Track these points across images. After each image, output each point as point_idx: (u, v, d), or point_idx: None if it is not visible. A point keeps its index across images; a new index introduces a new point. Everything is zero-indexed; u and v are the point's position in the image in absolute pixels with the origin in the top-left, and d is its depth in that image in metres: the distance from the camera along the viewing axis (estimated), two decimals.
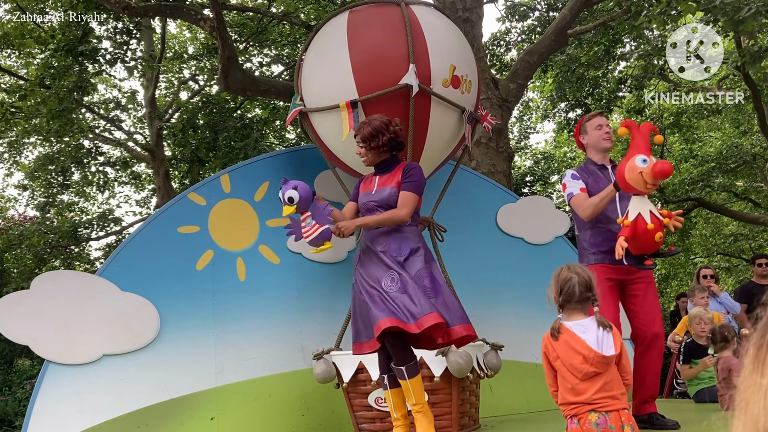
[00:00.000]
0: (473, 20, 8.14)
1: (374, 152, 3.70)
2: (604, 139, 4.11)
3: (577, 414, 2.73)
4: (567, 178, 4.15)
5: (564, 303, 2.82)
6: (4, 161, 14.66)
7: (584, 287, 2.80)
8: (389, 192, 3.65)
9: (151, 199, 16.03)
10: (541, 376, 5.59)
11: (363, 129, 3.72)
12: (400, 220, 3.60)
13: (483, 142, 7.76)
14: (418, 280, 3.51)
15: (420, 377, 3.60)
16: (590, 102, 12.51)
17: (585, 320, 2.78)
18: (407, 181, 3.63)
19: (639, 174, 3.22)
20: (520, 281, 5.79)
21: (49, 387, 4.30)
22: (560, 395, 2.83)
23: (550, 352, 2.83)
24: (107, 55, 9.74)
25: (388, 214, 3.59)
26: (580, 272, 2.85)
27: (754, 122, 13.43)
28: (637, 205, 3.39)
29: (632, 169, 3.26)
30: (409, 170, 3.67)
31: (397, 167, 3.73)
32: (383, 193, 3.66)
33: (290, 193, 3.51)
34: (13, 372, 10.44)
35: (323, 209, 3.51)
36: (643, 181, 3.24)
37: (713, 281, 6.60)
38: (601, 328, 2.74)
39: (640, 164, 3.21)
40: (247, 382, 4.79)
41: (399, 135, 3.74)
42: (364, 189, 3.80)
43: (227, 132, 10.92)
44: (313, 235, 3.47)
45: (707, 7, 6.02)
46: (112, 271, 4.64)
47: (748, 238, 16.63)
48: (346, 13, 4.72)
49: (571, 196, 4.07)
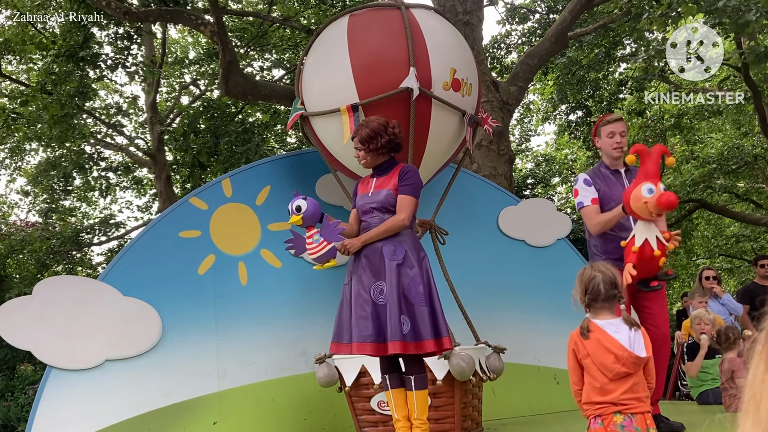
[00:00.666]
0: (473, 23, 8.15)
1: (373, 154, 3.69)
2: (614, 149, 4.07)
3: (602, 414, 2.70)
4: (579, 183, 4.12)
5: (590, 302, 2.80)
6: (6, 167, 14.69)
7: (609, 285, 2.78)
8: (386, 194, 3.63)
9: (152, 204, 16.05)
10: (543, 379, 5.61)
11: (361, 131, 3.69)
12: (401, 226, 3.58)
13: (484, 145, 7.76)
14: (412, 285, 3.49)
15: (426, 392, 3.60)
16: (591, 104, 12.51)
17: (615, 320, 2.75)
18: (404, 185, 3.61)
19: (644, 204, 3.22)
20: (522, 284, 5.78)
21: (52, 392, 4.30)
22: (585, 394, 2.79)
23: (579, 350, 2.79)
24: (108, 61, 9.76)
25: (389, 224, 3.57)
26: (605, 270, 2.83)
27: (755, 123, 13.42)
28: (643, 231, 3.37)
29: (638, 198, 3.26)
30: (405, 173, 3.65)
31: (394, 169, 3.71)
32: (380, 195, 3.65)
33: (299, 203, 3.51)
34: (15, 377, 10.43)
35: (334, 227, 3.50)
36: (648, 211, 3.24)
37: (715, 282, 6.59)
38: (631, 328, 2.73)
39: (645, 194, 3.21)
40: (250, 386, 4.78)
41: (397, 136, 3.72)
42: (362, 191, 3.79)
43: (228, 136, 10.94)
44: (320, 252, 3.47)
45: (708, 9, 6.02)
46: (114, 276, 4.64)
47: (750, 239, 16.62)
48: (347, 17, 4.72)
49: (581, 206, 4.06)
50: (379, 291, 3.50)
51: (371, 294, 3.50)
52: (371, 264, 3.58)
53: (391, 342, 3.39)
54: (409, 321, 3.44)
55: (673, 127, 13.60)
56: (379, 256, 3.56)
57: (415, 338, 3.44)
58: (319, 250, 3.47)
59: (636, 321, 2.78)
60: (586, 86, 11.91)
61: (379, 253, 3.56)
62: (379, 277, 3.53)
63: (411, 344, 3.43)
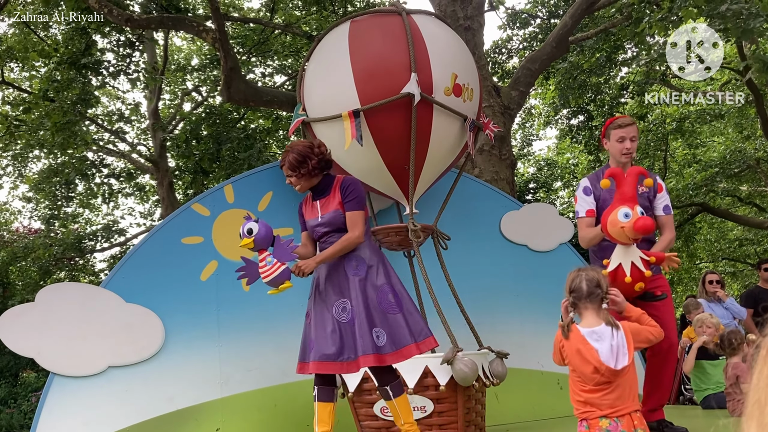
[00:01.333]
0: (474, 28, 8.16)
1: (306, 178, 3.60)
2: (623, 155, 3.95)
3: (588, 419, 2.70)
4: (579, 191, 4.08)
5: (575, 301, 2.81)
6: (9, 174, 14.73)
7: (591, 283, 2.77)
8: (334, 215, 3.58)
9: (155, 211, 16.07)
10: (546, 384, 5.59)
11: (287, 157, 3.58)
12: (355, 242, 3.53)
13: (486, 150, 7.76)
14: (382, 296, 3.48)
15: (406, 396, 3.61)
16: (592, 108, 12.52)
17: (599, 327, 2.73)
18: (349, 200, 3.56)
19: (621, 229, 3.18)
20: (525, 288, 5.77)
21: (55, 399, 4.30)
22: (571, 392, 2.80)
23: (563, 350, 2.80)
24: (110, 68, 9.79)
25: (343, 242, 3.51)
26: (589, 271, 2.84)
27: (757, 126, 13.41)
28: (620, 255, 3.32)
29: (614, 223, 3.22)
30: (346, 188, 3.59)
31: (332, 186, 3.65)
32: (329, 217, 3.59)
33: (250, 225, 3.43)
34: (18, 384, 10.44)
35: (287, 246, 3.43)
36: (625, 236, 3.19)
37: (719, 286, 6.58)
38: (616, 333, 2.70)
39: (621, 219, 3.17)
40: (253, 392, 4.78)
41: (325, 155, 3.63)
42: (309, 216, 3.72)
43: (231, 143, 10.96)
44: (273, 274, 3.36)
45: (710, 14, 6.03)
46: (116, 282, 4.64)
47: (753, 243, 16.59)
48: (348, 23, 4.74)
49: (576, 215, 4.04)
50: (342, 309, 3.48)
51: (333, 312, 3.48)
52: (333, 282, 3.55)
53: (363, 356, 3.37)
54: (384, 332, 3.42)
55: (674, 131, 13.60)
56: (343, 274, 3.54)
57: (394, 347, 3.43)
58: (272, 272, 3.36)
59: (615, 321, 2.74)
60: (588, 91, 11.92)
61: (342, 270, 3.54)
62: (342, 294, 3.50)
63: (388, 355, 3.42)
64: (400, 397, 3.55)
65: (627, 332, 2.72)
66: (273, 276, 3.37)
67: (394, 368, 3.60)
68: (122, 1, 8.46)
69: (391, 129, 4.44)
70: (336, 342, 3.44)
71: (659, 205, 3.99)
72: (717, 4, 5.90)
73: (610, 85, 12.50)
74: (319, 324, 3.51)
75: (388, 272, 3.60)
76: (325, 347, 3.44)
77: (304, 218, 3.77)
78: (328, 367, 3.44)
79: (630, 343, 2.69)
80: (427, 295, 4.50)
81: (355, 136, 4.31)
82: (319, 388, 3.59)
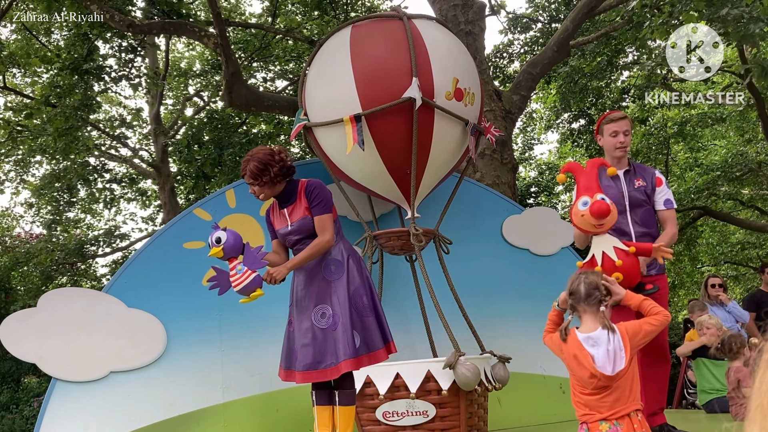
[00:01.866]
0: (475, 33, 8.17)
1: (268, 186, 3.54)
2: (617, 149, 3.92)
3: (588, 422, 2.69)
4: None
5: (573, 304, 2.80)
6: (11, 180, 14.75)
7: (590, 286, 2.77)
8: (303, 221, 3.54)
9: (157, 215, 16.08)
10: (549, 388, 5.58)
11: (248, 165, 3.51)
12: (326, 246, 3.50)
13: (487, 154, 7.77)
14: (356, 298, 3.47)
15: (353, 409, 3.56)
16: (594, 112, 12.52)
17: (596, 333, 2.72)
18: (315, 205, 3.52)
19: (582, 217, 3.18)
20: (527, 292, 5.76)
21: (57, 404, 4.30)
22: (572, 397, 2.79)
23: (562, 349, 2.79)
24: (112, 73, 9.81)
25: (314, 248, 3.47)
26: (589, 274, 2.84)
27: (759, 130, 13.41)
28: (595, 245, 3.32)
29: (576, 213, 3.22)
30: (311, 192, 3.54)
31: (297, 192, 3.60)
32: (298, 224, 3.55)
33: (219, 234, 3.39)
34: (20, 390, 10.44)
35: (257, 252, 3.39)
36: (588, 224, 3.19)
37: (721, 290, 6.57)
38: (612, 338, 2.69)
39: (581, 208, 3.17)
40: (255, 397, 4.78)
41: (286, 161, 3.56)
42: (278, 225, 3.67)
43: (233, 148, 10.97)
44: (244, 282, 3.33)
45: (711, 18, 6.03)
46: (118, 287, 4.65)
47: (756, 246, 16.56)
48: (349, 27, 4.74)
49: None
50: (320, 315, 3.46)
51: (312, 320, 3.47)
52: (311, 289, 3.53)
53: (345, 361, 3.36)
54: (360, 335, 3.42)
55: (676, 134, 13.59)
56: (321, 279, 3.52)
57: (367, 350, 3.42)
58: (243, 280, 3.32)
59: (611, 324, 2.73)
60: (589, 95, 11.92)
61: (320, 275, 3.52)
62: (320, 300, 3.48)
63: (364, 357, 3.41)
64: (348, 407, 3.51)
65: (624, 335, 2.70)
66: (244, 284, 3.33)
67: (353, 375, 3.56)
68: (124, 7, 8.48)
69: (392, 133, 4.44)
70: (317, 350, 3.42)
71: (659, 200, 3.92)
72: (718, 8, 5.90)
73: (611, 89, 12.51)
74: (301, 333, 3.50)
75: (362, 271, 3.58)
76: (308, 356, 3.43)
77: (274, 227, 3.72)
78: (313, 376, 3.43)
79: (627, 346, 2.68)
80: (429, 299, 4.50)
81: (357, 141, 4.32)
82: (316, 392, 3.58)
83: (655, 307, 2.84)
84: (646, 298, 2.90)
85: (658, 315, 2.80)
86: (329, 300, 3.47)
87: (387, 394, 4.16)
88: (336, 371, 3.40)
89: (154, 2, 8.81)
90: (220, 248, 3.37)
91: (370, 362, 3.44)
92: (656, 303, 2.90)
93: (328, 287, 3.50)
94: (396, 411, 4.16)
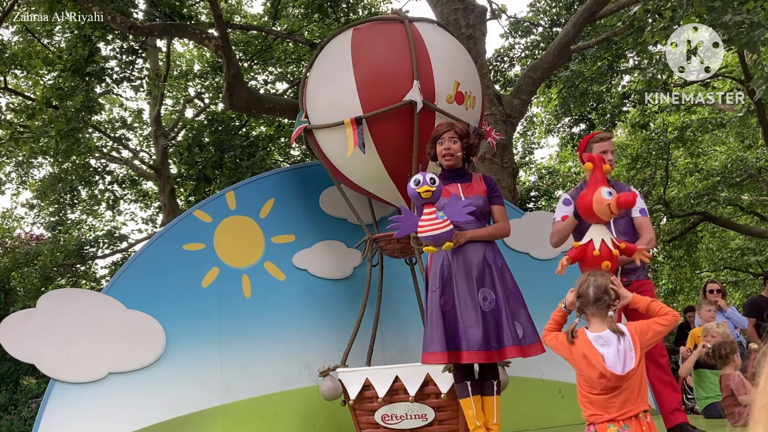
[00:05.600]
0: (476, 36, 8.18)
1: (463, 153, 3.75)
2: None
3: (595, 423, 2.68)
4: (559, 202, 4.21)
5: (582, 307, 2.81)
6: (12, 181, 14.75)
7: (599, 290, 2.77)
8: (482, 200, 3.69)
9: (156, 217, 16.07)
10: (548, 392, 5.58)
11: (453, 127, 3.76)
12: (506, 234, 3.74)
13: (487, 158, 7.77)
14: (514, 290, 3.60)
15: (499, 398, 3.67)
16: (594, 117, 12.53)
17: (605, 332, 2.72)
18: (497, 195, 3.75)
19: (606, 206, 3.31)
20: (527, 297, 5.70)
21: (55, 406, 4.29)
22: (579, 394, 2.77)
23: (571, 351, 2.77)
24: (114, 75, 9.82)
25: (498, 229, 3.69)
26: (598, 276, 2.85)
27: (759, 136, 13.42)
28: (593, 232, 3.45)
29: (599, 201, 3.35)
30: (491, 183, 3.77)
31: (473, 177, 3.79)
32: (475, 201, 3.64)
33: (434, 175, 3.37)
34: (18, 391, 10.42)
35: (463, 206, 3.36)
36: (609, 212, 3.33)
37: (720, 296, 6.56)
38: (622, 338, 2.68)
39: (606, 196, 3.31)
40: (253, 399, 4.77)
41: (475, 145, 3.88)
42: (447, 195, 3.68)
43: (233, 150, 10.97)
44: (441, 230, 3.27)
45: (712, 24, 6.03)
46: (117, 289, 4.64)
47: (755, 252, 16.56)
48: (350, 30, 4.75)
49: (553, 221, 4.13)
50: (483, 298, 3.50)
51: (478, 301, 3.49)
52: (471, 270, 3.54)
53: (509, 347, 3.42)
54: (522, 325, 3.52)
55: (676, 139, 13.60)
56: (483, 262, 3.57)
57: (534, 339, 3.51)
58: (438, 228, 3.26)
59: (618, 328, 2.73)
60: (590, 99, 11.93)
61: (482, 258, 3.58)
62: (482, 284, 3.53)
63: (530, 347, 3.50)
64: (499, 397, 3.62)
65: (633, 335, 2.71)
66: (438, 232, 3.28)
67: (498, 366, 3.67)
68: (126, 9, 8.50)
69: (393, 136, 4.44)
70: (483, 331, 3.44)
71: (635, 210, 4.12)
72: (719, 14, 5.91)
73: (611, 93, 12.52)
74: (467, 312, 3.48)
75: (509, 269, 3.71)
76: (473, 337, 3.42)
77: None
78: (480, 356, 3.42)
79: (637, 346, 2.68)
80: None
81: (358, 144, 4.32)
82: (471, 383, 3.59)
83: (663, 308, 2.84)
84: (653, 300, 2.92)
85: (667, 315, 2.81)
86: (492, 285, 3.54)
87: (386, 397, 4.15)
88: (500, 355, 3.45)
89: (156, 4, 8.82)
90: (434, 189, 3.32)
91: (536, 352, 3.52)
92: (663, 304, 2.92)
93: (492, 272, 3.57)
94: (395, 414, 4.16)
